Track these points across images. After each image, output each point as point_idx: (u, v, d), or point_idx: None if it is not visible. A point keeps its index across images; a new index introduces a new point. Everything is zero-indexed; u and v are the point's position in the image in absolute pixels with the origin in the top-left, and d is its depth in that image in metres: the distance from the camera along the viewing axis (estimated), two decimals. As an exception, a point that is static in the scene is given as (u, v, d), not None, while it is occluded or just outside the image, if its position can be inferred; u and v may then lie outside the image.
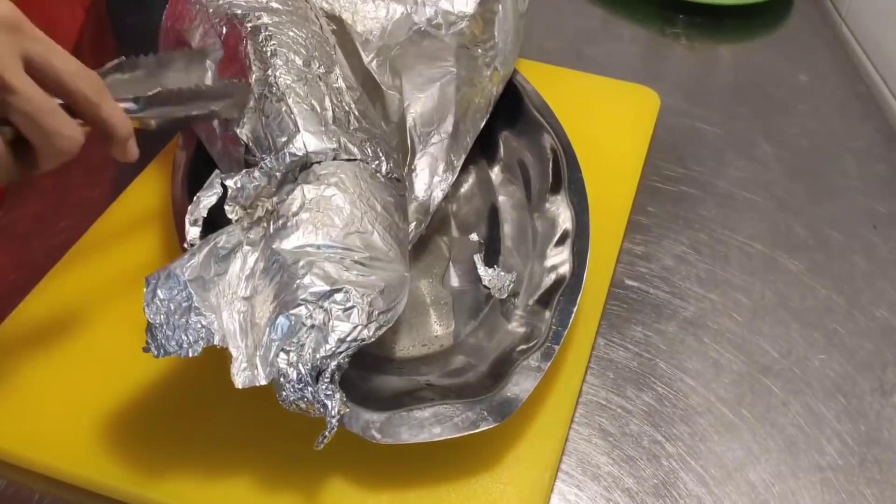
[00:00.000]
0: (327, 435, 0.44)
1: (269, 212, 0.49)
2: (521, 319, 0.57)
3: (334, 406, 0.44)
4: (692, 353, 0.59)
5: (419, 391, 0.53)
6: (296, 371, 0.44)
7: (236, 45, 0.55)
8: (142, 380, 0.54)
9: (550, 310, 0.55)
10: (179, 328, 0.44)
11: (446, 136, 0.61)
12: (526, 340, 0.55)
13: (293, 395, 0.44)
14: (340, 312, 0.45)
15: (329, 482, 0.50)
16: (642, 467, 0.53)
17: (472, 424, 0.49)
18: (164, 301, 0.44)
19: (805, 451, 0.54)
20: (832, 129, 0.78)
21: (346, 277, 0.46)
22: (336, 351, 0.44)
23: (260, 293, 0.46)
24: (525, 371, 0.52)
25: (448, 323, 0.59)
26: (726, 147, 0.76)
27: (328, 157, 0.51)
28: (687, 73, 0.85)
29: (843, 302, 0.63)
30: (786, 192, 0.72)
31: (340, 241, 0.48)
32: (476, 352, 0.56)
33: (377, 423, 0.49)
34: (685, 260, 0.66)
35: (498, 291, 0.60)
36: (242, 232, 0.48)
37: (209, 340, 0.44)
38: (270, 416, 0.51)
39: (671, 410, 0.56)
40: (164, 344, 0.44)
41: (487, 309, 0.59)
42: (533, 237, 0.62)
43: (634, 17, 0.92)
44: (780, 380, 0.58)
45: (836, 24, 0.94)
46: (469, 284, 0.61)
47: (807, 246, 0.67)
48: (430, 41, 0.63)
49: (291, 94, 0.52)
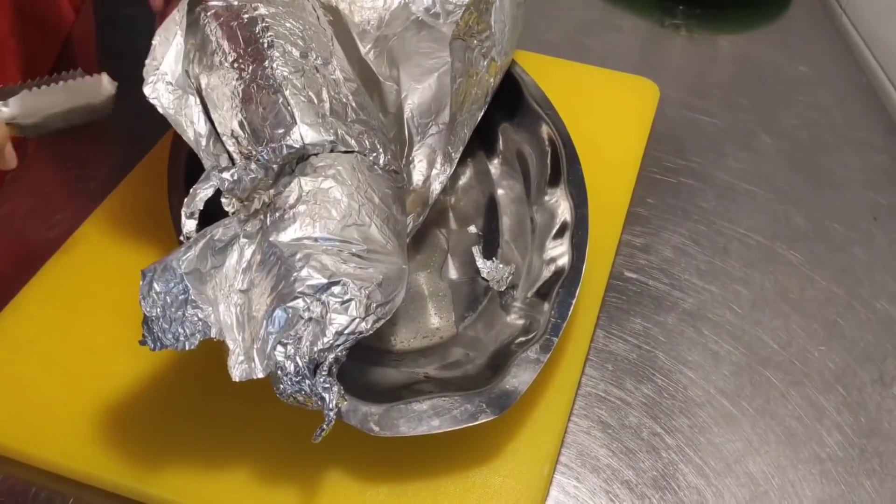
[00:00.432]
0: (325, 428, 0.44)
1: (266, 204, 0.49)
2: (520, 312, 0.57)
3: (332, 399, 0.44)
4: (692, 345, 0.59)
5: (417, 384, 0.53)
6: (293, 364, 0.44)
7: (233, 36, 0.54)
8: (138, 373, 0.54)
9: (549, 302, 0.55)
10: (176, 321, 0.44)
11: (444, 127, 0.61)
12: (525, 332, 0.54)
13: (290, 388, 0.44)
14: (338, 305, 0.45)
15: (326, 475, 0.50)
16: (642, 459, 0.53)
17: (470, 417, 0.49)
18: (160, 294, 0.44)
19: (805, 443, 0.54)
20: (832, 120, 0.78)
21: (344, 270, 0.46)
22: (334, 344, 0.44)
23: (257, 286, 0.46)
24: (524, 363, 0.51)
25: (447, 315, 0.59)
26: (726, 138, 0.76)
27: (325, 149, 0.50)
28: (686, 64, 0.85)
29: (843, 293, 0.63)
30: (786, 183, 0.72)
31: (338, 234, 0.48)
32: (474, 344, 0.56)
33: (375, 415, 0.48)
34: (685, 251, 0.66)
35: (497, 284, 0.60)
36: (239, 224, 0.47)
37: (206, 333, 0.44)
38: (267, 409, 0.51)
39: (670, 402, 0.56)
40: (161, 337, 0.44)
41: (486, 301, 0.59)
42: (532, 229, 0.62)
43: (634, 7, 0.91)
44: (780, 371, 0.58)
45: (836, 15, 0.93)
46: (467, 277, 0.61)
47: (807, 237, 0.67)
48: (428, 31, 0.62)
49: (288, 85, 0.51)
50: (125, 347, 0.55)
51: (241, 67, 0.53)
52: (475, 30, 0.65)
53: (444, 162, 0.61)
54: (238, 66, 0.53)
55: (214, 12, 0.55)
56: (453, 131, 0.62)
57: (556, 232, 0.60)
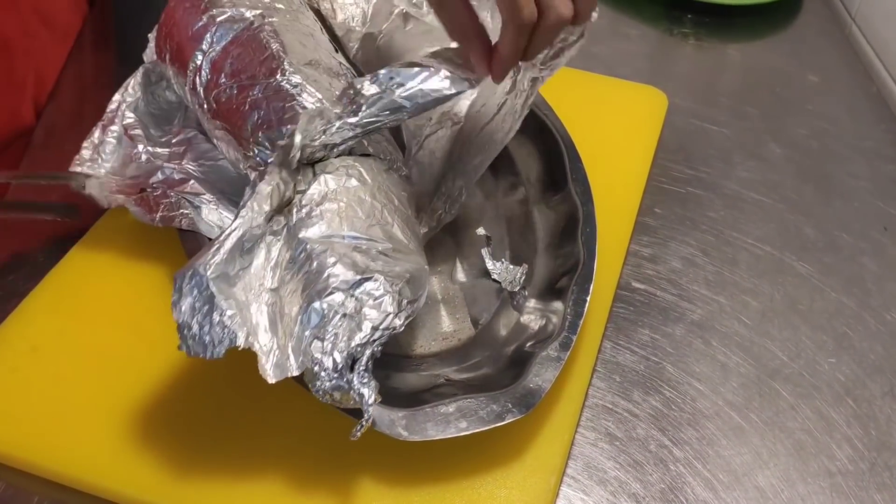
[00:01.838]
0: (364, 424, 0.43)
1: (289, 200, 0.49)
2: (534, 311, 0.57)
3: (371, 394, 0.43)
4: (700, 357, 0.59)
5: (438, 387, 0.53)
6: (331, 359, 0.43)
7: (248, 42, 0.54)
8: (144, 382, 0.53)
9: (563, 300, 0.55)
10: (204, 329, 0.43)
11: (439, 129, 0.61)
12: (541, 332, 0.55)
13: (329, 385, 0.43)
14: (372, 301, 0.45)
15: (323, 484, 0.50)
16: (649, 472, 0.53)
17: (497, 417, 0.49)
18: (189, 301, 0.44)
19: (814, 456, 0.54)
20: (842, 129, 0.78)
21: (375, 267, 0.46)
22: (371, 339, 0.44)
23: (287, 283, 0.46)
24: (545, 362, 0.52)
25: (461, 318, 0.59)
26: (735, 148, 0.75)
27: (344, 152, 0.51)
28: (695, 73, 0.84)
29: (853, 304, 0.62)
30: (795, 193, 0.71)
31: (364, 232, 0.48)
32: (491, 345, 0.56)
33: (402, 420, 0.48)
34: (693, 262, 0.65)
35: (509, 284, 0.60)
36: (265, 222, 0.47)
37: (233, 342, 0.44)
38: (267, 415, 0.50)
39: (678, 414, 0.56)
40: (192, 345, 0.43)
41: (499, 303, 0.59)
42: (541, 228, 0.62)
43: (642, 16, 0.91)
44: (789, 383, 0.57)
45: (846, 24, 0.93)
46: (478, 279, 0.61)
47: (816, 248, 0.67)
48: (415, 23, 0.62)
49: (303, 91, 0.51)
50: (130, 355, 0.55)
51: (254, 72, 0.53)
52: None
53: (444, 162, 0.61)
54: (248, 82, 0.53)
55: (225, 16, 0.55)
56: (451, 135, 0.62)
57: (564, 230, 0.60)
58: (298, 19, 0.57)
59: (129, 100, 0.61)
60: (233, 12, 0.55)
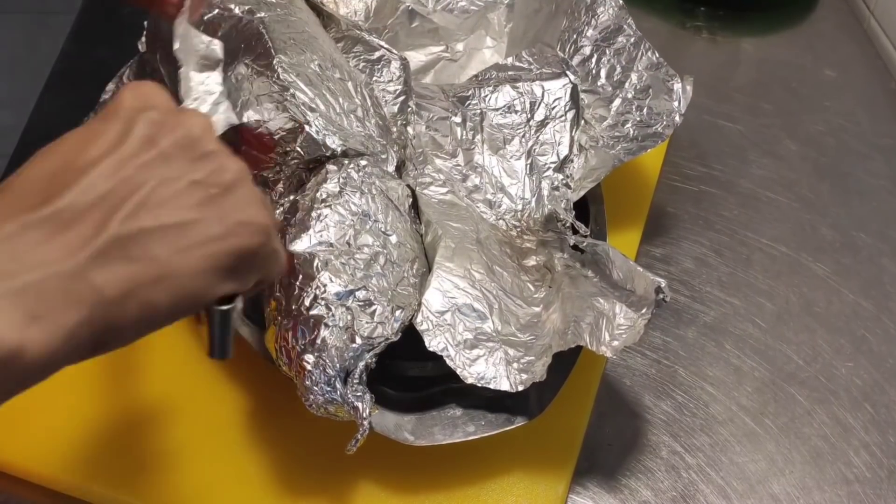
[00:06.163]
0: (360, 437, 0.43)
1: (285, 209, 0.49)
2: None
3: (365, 408, 0.43)
4: (713, 360, 0.58)
5: (445, 388, 0.52)
6: (323, 373, 0.43)
7: (248, 42, 0.53)
8: (147, 390, 0.53)
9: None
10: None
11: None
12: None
13: (322, 398, 0.43)
14: (364, 311, 0.45)
15: (335, 489, 0.49)
16: (660, 479, 0.52)
17: (506, 421, 0.49)
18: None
19: (831, 463, 0.53)
20: (860, 126, 0.76)
21: (365, 276, 0.46)
22: (363, 350, 0.44)
23: (278, 295, 0.46)
24: (554, 365, 0.50)
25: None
26: (749, 145, 0.74)
27: (338, 154, 0.50)
28: (708, 67, 0.83)
29: (871, 307, 0.61)
30: (811, 191, 0.70)
31: (355, 239, 0.47)
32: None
33: (408, 424, 0.48)
34: (706, 262, 0.64)
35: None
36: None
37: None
38: (269, 419, 0.50)
39: (691, 420, 0.55)
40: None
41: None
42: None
43: (654, 9, 0.90)
44: (805, 388, 0.57)
45: (864, 17, 0.91)
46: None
47: (833, 248, 0.66)
48: (420, 21, 0.62)
49: (299, 91, 0.51)
50: (129, 365, 0.54)
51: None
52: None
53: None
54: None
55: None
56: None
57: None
58: (291, 13, 0.56)
59: None
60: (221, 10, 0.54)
